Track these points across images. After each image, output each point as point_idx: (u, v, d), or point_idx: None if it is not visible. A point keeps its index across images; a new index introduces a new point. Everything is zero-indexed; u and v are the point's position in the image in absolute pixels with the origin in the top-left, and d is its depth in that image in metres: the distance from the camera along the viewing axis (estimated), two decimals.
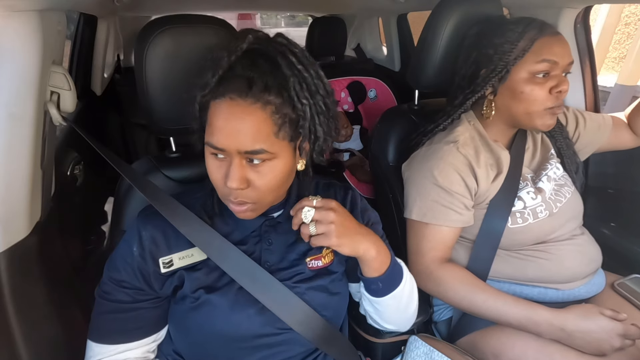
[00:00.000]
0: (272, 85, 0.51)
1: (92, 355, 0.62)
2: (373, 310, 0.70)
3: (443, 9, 0.90)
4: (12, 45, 0.57)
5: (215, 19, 0.71)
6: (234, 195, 0.55)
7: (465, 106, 0.87)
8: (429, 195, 0.83)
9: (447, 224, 0.83)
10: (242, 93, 0.50)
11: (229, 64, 0.52)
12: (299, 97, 0.53)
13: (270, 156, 0.53)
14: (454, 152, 0.83)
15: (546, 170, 0.91)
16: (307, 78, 0.54)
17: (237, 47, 0.52)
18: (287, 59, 0.53)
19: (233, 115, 0.51)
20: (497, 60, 0.80)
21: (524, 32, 0.78)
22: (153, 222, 0.62)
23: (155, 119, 0.73)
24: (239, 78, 0.51)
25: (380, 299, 0.66)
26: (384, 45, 2.33)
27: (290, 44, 0.55)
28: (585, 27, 1.18)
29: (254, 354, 0.64)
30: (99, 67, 1.71)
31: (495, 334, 0.83)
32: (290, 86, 0.52)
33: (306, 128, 0.56)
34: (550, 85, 0.79)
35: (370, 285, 0.66)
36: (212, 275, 0.63)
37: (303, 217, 0.59)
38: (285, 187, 0.62)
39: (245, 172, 0.54)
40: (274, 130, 0.52)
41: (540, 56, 0.77)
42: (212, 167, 0.56)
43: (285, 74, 0.52)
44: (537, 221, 0.84)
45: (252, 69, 0.51)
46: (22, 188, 0.64)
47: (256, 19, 8.45)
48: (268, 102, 0.51)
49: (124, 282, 0.61)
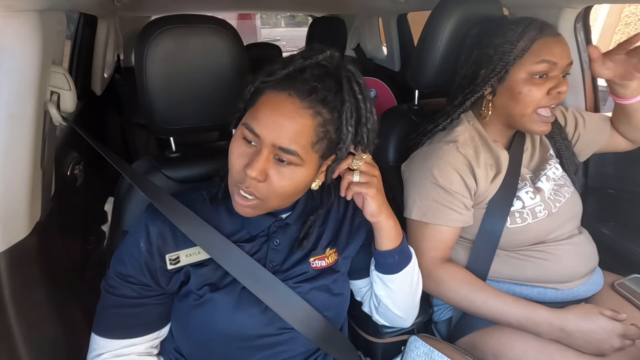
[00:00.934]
0: (330, 101, 0.54)
1: (96, 348, 0.62)
2: (386, 294, 0.71)
3: (443, 9, 0.90)
4: (12, 45, 0.57)
5: (215, 19, 0.71)
6: (247, 183, 0.55)
7: (465, 106, 0.87)
8: (429, 194, 0.83)
9: (447, 224, 0.83)
10: (301, 94, 0.53)
11: (301, 66, 0.54)
12: (347, 123, 0.55)
13: (299, 162, 0.54)
14: (454, 152, 0.83)
15: (545, 170, 0.91)
16: (361, 109, 0.56)
17: (313, 56, 0.55)
18: (351, 86, 0.55)
19: (284, 110, 0.53)
20: (496, 60, 0.80)
21: (523, 32, 0.78)
22: (161, 218, 0.62)
23: (155, 119, 0.73)
24: (304, 82, 0.53)
25: (396, 275, 0.68)
26: (384, 45, 2.33)
27: (356, 74, 0.57)
28: (585, 27, 1.18)
29: (255, 353, 0.64)
30: (99, 67, 1.71)
31: (495, 334, 0.83)
32: (344, 110, 0.55)
33: (343, 152, 0.58)
34: (549, 87, 0.79)
35: (387, 259, 0.67)
36: (217, 273, 0.63)
37: (353, 163, 0.63)
38: (294, 199, 0.63)
39: (268, 166, 0.54)
40: (313, 141, 0.54)
41: (539, 57, 0.77)
42: (237, 150, 0.56)
43: (344, 98, 0.55)
44: (536, 221, 0.84)
45: (319, 80, 0.54)
46: (22, 188, 0.64)
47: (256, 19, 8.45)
48: (319, 113, 0.53)
49: (130, 277, 0.61)
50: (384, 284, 0.70)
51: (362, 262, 0.74)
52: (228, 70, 0.72)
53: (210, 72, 0.71)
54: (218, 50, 0.70)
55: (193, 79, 0.71)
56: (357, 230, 0.72)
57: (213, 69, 0.71)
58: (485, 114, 0.86)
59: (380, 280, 0.70)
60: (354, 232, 0.72)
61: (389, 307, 0.72)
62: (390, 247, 0.67)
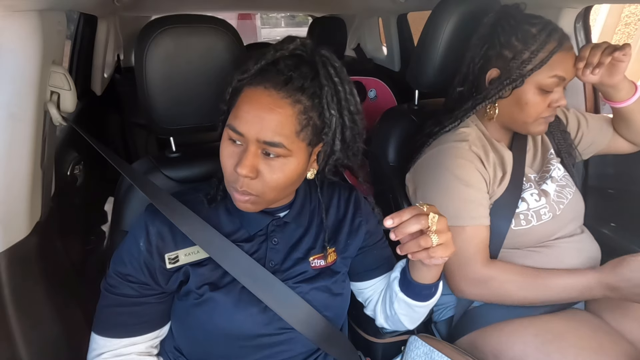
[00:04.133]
0: (307, 88, 0.54)
1: (96, 348, 0.62)
2: (405, 313, 0.69)
3: (443, 9, 0.90)
4: (12, 45, 0.57)
5: (215, 19, 0.71)
6: (239, 183, 0.55)
7: (475, 110, 0.86)
8: (458, 195, 0.80)
9: (482, 222, 0.80)
10: (277, 85, 0.53)
11: (274, 58, 0.54)
12: (328, 107, 0.55)
13: (286, 153, 0.54)
14: (467, 150, 0.82)
15: (549, 172, 0.91)
16: (340, 92, 0.56)
17: (284, 47, 0.55)
18: (327, 70, 0.55)
19: (262, 104, 0.53)
20: (513, 66, 0.78)
21: (545, 42, 0.76)
22: (160, 218, 0.62)
23: (155, 119, 0.73)
24: (279, 73, 0.53)
25: (427, 302, 0.66)
26: (384, 45, 2.33)
27: (331, 57, 0.57)
28: (585, 27, 1.18)
29: (255, 353, 0.64)
30: (99, 67, 1.71)
31: (495, 334, 0.83)
32: (323, 95, 0.55)
33: (329, 137, 0.57)
34: (552, 99, 0.79)
35: (423, 291, 0.64)
36: (216, 272, 0.63)
37: (430, 224, 0.52)
38: (291, 189, 0.62)
39: (257, 162, 0.54)
40: (296, 129, 0.54)
41: (552, 71, 0.76)
42: (225, 151, 0.57)
43: (322, 83, 0.55)
44: (541, 223, 0.84)
45: (293, 69, 0.54)
46: (22, 188, 0.64)
47: (256, 19, 8.44)
48: (299, 101, 0.53)
49: (129, 276, 0.61)
50: (408, 306, 0.67)
51: (364, 265, 0.74)
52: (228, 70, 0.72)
53: (211, 72, 0.71)
54: (218, 50, 0.70)
55: (193, 79, 0.71)
56: (357, 230, 0.72)
57: (213, 69, 0.71)
58: (491, 115, 0.85)
59: (405, 303, 0.67)
60: (354, 232, 0.71)
61: (405, 323, 0.72)
62: (431, 282, 0.63)
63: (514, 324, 0.82)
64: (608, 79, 0.82)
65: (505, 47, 0.80)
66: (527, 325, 0.81)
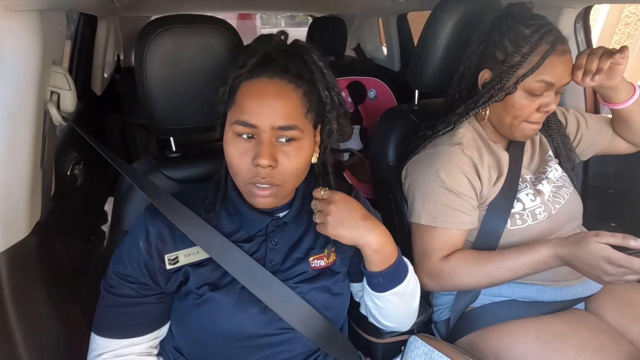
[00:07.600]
0: (303, 73, 0.57)
1: (96, 348, 0.63)
2: (374, 306, 0.70)
3: (443, 9, 0.90)
4: (12, 45, 0.57)
5: (215, 19, 0.71)
6: (262, 174, 0.55)
7: (468, 116, 0.86)
8: (438, 198, 0.81)
9: (458, 227, 0.81)
10: (279, 74, 0.56)
11: (266, 51, 0.57)
12: (323, 89, 0.59)
13: (300, 135, 0.57)
14: (459, 154, 0.82)
15: (546, 172, 0.91)
16: (326, 75, 0.60)
17: (271, 40, 0.58)
18: (311, 57, 0.59)
19: (269, 92, 0.55)
20: (505, 70, 0.78)
21: (537, 43, 0.75)
22: (160, 218, 0.62)
23: (155, 119, 0.73)
24: (275, 63, 0.56)
25: (381, 294, 0.66)
26: (384, 45, 2.33)
27: (309, 47, 0.60)
28: (585, 27, 1.18)
29: (255, 353, 0.64)
30: (99, 67, 1.71)
31: (496, 335, 0.83)
32: (316, 78, 0.58)
33: (332, 115, 0.61)
34: (541, 103, 0.79)
35: (371, 279, 0.66)
36: (216, 272, 0.63)
37: (312, 207, 0.64)
38: (303, 176, 0.63)
39: (275, 151, 0.56)
40: (305, 110, 0.57)
41: (539, 76, 0.76)
42: (235, 150, 0.57)
43: (311, 69, 0.58)
44: (536, 223, 0.84)
45: (286, 58, 0.57)
46: (22, 188, 0.64)
47: (256, 19, 8.44)
48: (299, 85, 0.57)
49: (129, 277, 0.61)
50: (370, 297, 0.69)
51: (356, 266, 0.74)
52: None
53: (211, 72, 0.71)
54: (218, 50, 0.70)
55: (193, 79, 0.71)
56: None
57: (213, 69, 0.71)
58: (483, 116, 0.86)
59: (367, 293, 0.70)
60: None
61: (378, 318, 0.72)
62: (373, 270, 0.64)
63: (515, 324, 0.82)
64: (607, 82, 0.82)
65: (498, 47, 0.80)
66: (528, 326, 0.81)
